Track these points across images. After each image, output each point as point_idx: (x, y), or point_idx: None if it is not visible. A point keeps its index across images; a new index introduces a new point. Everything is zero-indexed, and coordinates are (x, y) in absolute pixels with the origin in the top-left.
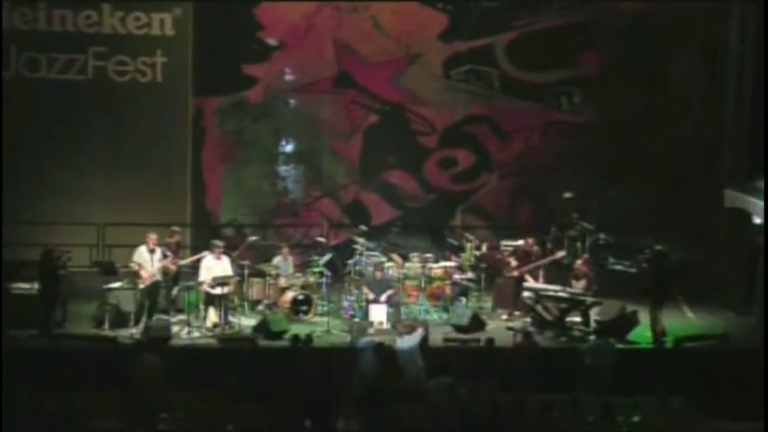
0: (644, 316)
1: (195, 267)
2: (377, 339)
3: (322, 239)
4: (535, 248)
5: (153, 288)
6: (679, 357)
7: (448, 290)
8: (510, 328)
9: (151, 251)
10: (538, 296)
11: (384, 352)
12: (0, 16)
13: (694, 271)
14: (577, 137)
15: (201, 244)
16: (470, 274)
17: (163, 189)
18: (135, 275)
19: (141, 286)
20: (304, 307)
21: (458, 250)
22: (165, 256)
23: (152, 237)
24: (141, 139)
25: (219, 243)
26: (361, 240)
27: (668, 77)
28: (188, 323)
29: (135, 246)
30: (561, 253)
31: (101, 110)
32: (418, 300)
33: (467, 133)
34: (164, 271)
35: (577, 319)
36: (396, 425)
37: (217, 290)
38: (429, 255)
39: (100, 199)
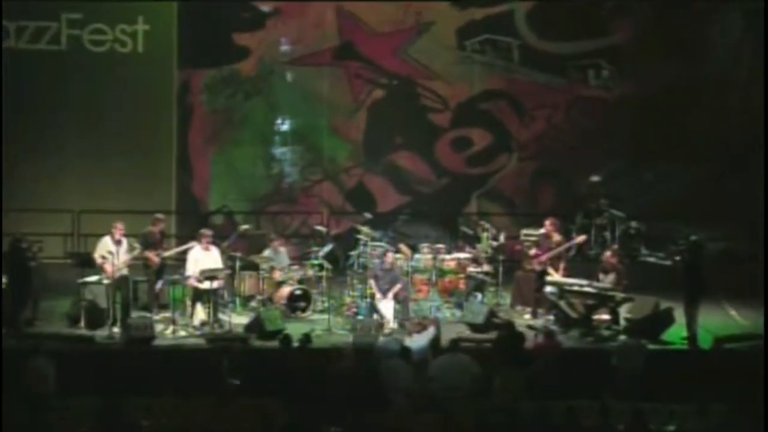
0: (680, 314)
1: (181, 259)
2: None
3: (321, 228)
4: (557, 237)
5: (120, 283)
6: (719, 359)
7: (461, 285)
8: (531, 327)
9: (117, 242)
10: (562, 291)
11: (410, 355)
12: None
13: (737, 263)
14: (606, 114)
15: (187, 234)
16: (486, 267)
17: (145, 172)
18: (100, 269)
19: (105, 281)
20: (302, 304)
21: (473, 240)
22: (132, 248)
23: (119, 226)
24: (121, 116)
25: (207, 232)
26: (365, 229)
27: (709, 46)
28: (173, 321)
29: None
30: (582, 237)
31: (76, 84)
32: (429, 295)
33: (483, 110)
34: (146, 264)
35: (606, 316)
36: None
37: (206, 285)
38: (441, 246)
39: (75, 183)
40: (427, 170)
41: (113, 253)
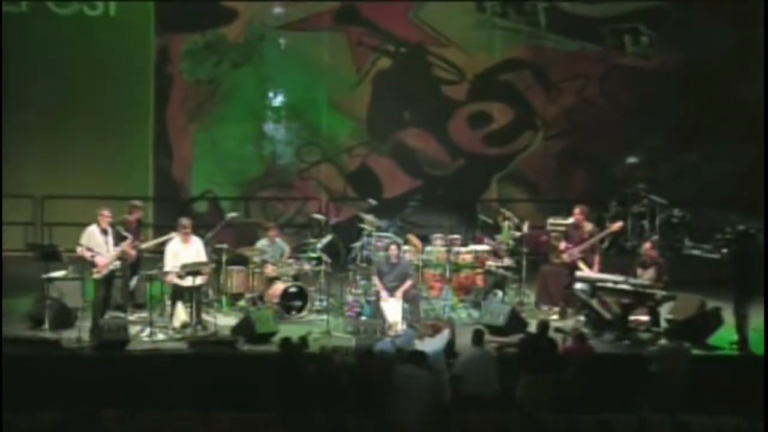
0: (729, 315)
1: (159, 251)
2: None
3: (320, 217)
4: (588, 226)
5: (110, 279)
6: None
7: (479, 281)
8: (558, 330)
9: (104, 232)
10: (595, 289)
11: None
12: None
13: None
14: (645, 87)
15: (166, 223)
16: (508, 261)
17: (118, 152)
18: (88, 263)
19: (96, 276)
20: (298, 303)
21: (493, 230)
22: (123, 238)
23: (105, 213)
24: (90, 88)
25: (189, 221)
26: (369, 218)
27: (762, 8)
28: (150, 322)
29: (83, 225)
30: (617, 225)
31: (38, 52)
32: (443, 293)
33: (505, 81)
34: (121, 257)
35: (644, 317)
36: None
37: (187, 281)
38: (456, 237)
39: (38, 164)
40: (440, 150)
41: (101, 243)
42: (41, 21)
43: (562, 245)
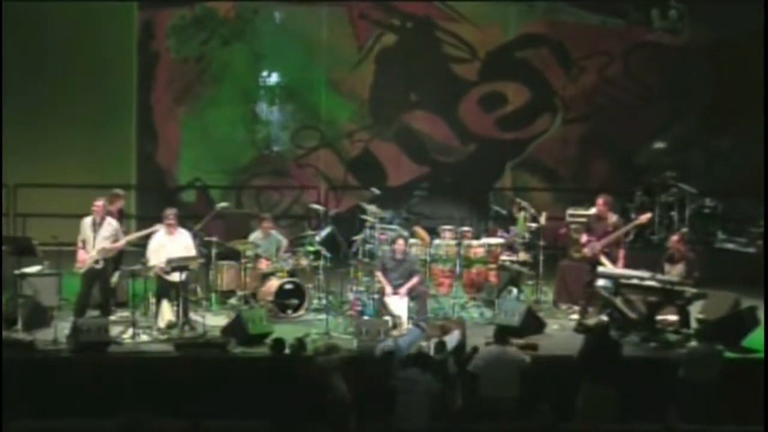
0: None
1: (143, 245)
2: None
3: (318, 207)
4: (612, 218)
5: (90, 275)
6: None
7: (492, 277)
8: (579, 330)
9: (95, 224)
10: (618, 286)
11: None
12: None
13: None
14: (673, 65)
15: (152, 213)
16: (523, 256)
17: (99, 138)
18: (65, 258)
19: (77, 271)
20: (294, 301)
21: (507, 221)
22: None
23: (95, 204)
24: (67, 67)
25: (175, 212)
26: (372, 208)
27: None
28: (133, 323)
29: (58, 216)
30: (645, 216)
31: (12, 30)
32: (452, 290)
33: (520, 59)
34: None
35: (673, 317)
36: None
37: (174, 277)
38: (467, 229)
39: (11, 151)
40: (449, 135)
41: (90, 238)
42: None
43: (583, 238)
